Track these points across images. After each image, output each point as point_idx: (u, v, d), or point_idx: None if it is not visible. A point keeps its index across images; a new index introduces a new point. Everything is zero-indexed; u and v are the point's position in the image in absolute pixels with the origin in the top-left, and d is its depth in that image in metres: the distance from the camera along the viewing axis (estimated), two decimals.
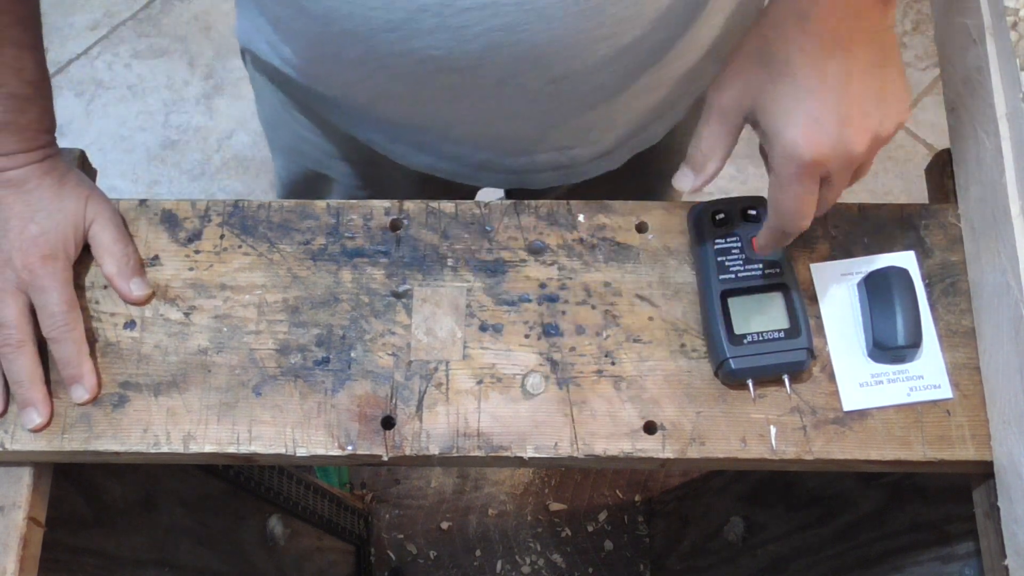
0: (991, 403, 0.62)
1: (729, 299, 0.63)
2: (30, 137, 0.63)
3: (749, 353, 0.62)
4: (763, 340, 0.62)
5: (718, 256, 0.65)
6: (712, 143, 0.59)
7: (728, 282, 0.64)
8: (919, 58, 1.90)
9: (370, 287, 0.67)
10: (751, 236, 0.65)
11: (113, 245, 0.66)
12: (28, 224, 0.63)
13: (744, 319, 0.63)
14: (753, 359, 0.62)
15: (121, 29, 1.94)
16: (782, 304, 0.63)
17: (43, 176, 0.64)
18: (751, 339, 0.62)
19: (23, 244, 0.63)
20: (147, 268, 0.68)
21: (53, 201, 0.64)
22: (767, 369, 0.63)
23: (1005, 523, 0.60)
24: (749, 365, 0.62)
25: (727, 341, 0.62)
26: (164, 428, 0.63)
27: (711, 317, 0.64)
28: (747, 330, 0.63)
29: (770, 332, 0.63)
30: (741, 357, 0.62)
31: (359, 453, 0.63)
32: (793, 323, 0.63)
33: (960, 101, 0.68)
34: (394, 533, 1.64)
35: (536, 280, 0.67)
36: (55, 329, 0.63)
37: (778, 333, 0.63)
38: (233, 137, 1.87)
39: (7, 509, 0.64)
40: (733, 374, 0.63)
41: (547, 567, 1.62)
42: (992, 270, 0.63)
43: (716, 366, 0.64)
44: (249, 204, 0.69)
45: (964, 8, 0.66)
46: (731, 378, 0.63)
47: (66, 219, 0.65)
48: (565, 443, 0.63)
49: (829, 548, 0.95)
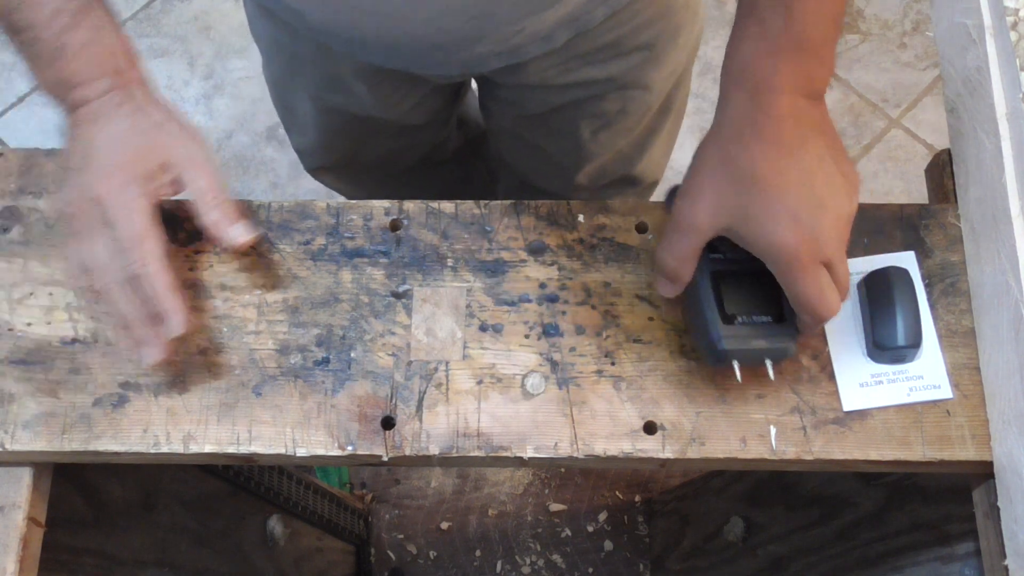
0: (991, 403, 0.62)
1: (721, 280, 0.62)
2: (106, 62, 0.62)
3: (738, 335, 0.61)
4: (753, 323, 0.62)
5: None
6: (685, 256, 0.61)
7: (719, 263, 0.63)
8: (919, 58, 1.90)
9: (370, 287, 0.67)
10: None
11: (208, 190, 0.63)
12: (108, 154, 0.61)
13: (735, 301, 0.62)
14: (742, 340, 0.61)
15: None
16: (771, 287, 0.62)
17: (120, 105, 0.62)
18: (742, 321, 0.61)
19: (99, 177, 0.61)
20: None
21: (131, 132, 0.62)
22: (754, 353, 0.62)
23: (1005, 523, 0.60)
24: (738, 347, 0.61)
25: (719, 321, 0.61)
26: (164, 428, 0.63)
27: (701, 296, 0.62)
28: (738, 311, 0.62)
29: (760, 316, 0.62)
30: (731, 338, 0.61)
31: (359, 453, 0.63)
32: (780, 309, 0.62)
33: (960, 101, 0.68)
34: (394, 533, 1.64)
35: (536, 280, 0.67)
36: (127, 268, 0.60)
37: (767, 318, 0.62)
38: (233, 137, 1.87)
39: (7, 509, 0.64)
40: (722, 356, 0.61)
41: (547, 567, 1.62)
42: (992, 270, 0.63)
43: (704, 345, 0.63)
44: (249, 204, 0.69)
45: (964, 8, 0.66)
46: (718, 359, 0.62)
47: (146, 150, 0.62)
48: (565, 443, 0.63)
49: (829, 548, 0.95)
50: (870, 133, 1.84)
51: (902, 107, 1.86)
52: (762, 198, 0.57)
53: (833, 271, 0.59)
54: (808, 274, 0.58)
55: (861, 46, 1.91)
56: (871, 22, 1.93)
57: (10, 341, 0.66)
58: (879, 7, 1.94)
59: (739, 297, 0.62)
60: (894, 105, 1.86)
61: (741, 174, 0.58)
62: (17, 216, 0.69)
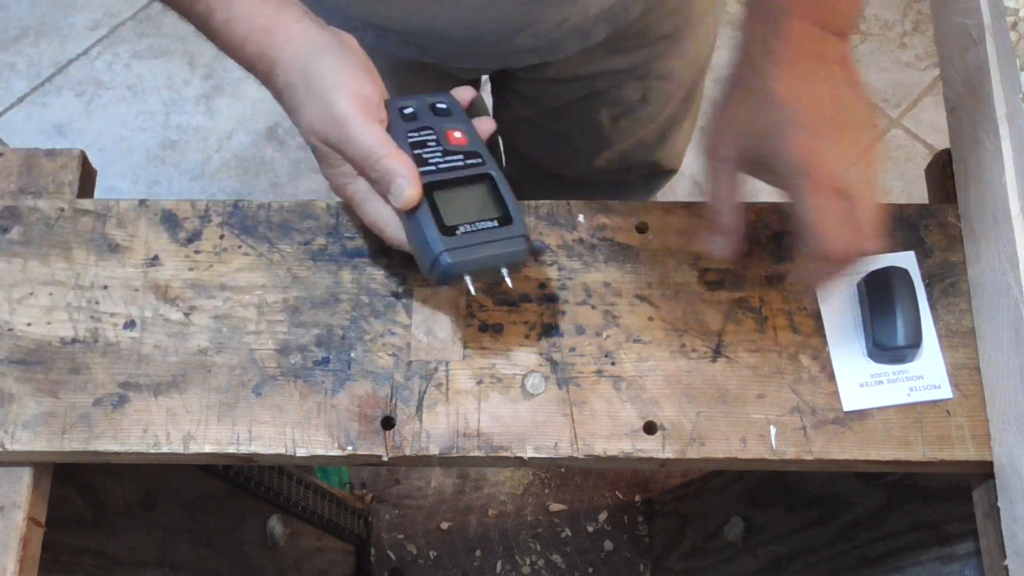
0: (991, 403, 0.62)
1: (435, 192, 0.59)
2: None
3: (463, 245, 0.57)
4: (476, 230, 0.58)
5: (414, 149, 0.61)
6: (722, 195, 0.60)
7: (430, 174, 0.60)
8: (919, 58, 1.90)
9: (370, 287, 0.67)
10: (445, 129, 0.62)
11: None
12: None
13: (453, 212, 0.58)
14: (468, 251, 0.57)
15: (121, 29, 1.94)
16: (489, 193, 0.60)
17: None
18: (464, 230, 0.58)
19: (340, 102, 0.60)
20: (147, 268, 0.68)
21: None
22: (485, 261, 0.58)
23: (1005, 523, 0.60)
24: (465, 258, 0.57)
25: (439, 234, 0.57)
26: (164, 428, 0.63)
27: (418, 214, 0.58)
28: (458, 221, 0.58)
29: (483, 222, 0.58)
30: (455, 250, 0.57)
31: (359, 453, 0.63)
32: (504, 211, 0.59)
33: (960, 101, 0.68)
34: (394, 533, 1.64)
35: (536, 280, 0.67)
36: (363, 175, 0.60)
37: (491, 223, 0.58)
38: (233, 137, 1.87)
39: (7, 509, 0.64)
40: (448, 270, 0.57)
41: (547, 567, 1.62)
42: (992, 270, 0.63)
43: (428, 266, 0.58)
44: (249, 204, 0.69)
45: (964, 8, 0.66)
46: (447, 276, 0.58)
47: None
48: (565, 443, 0.63)
49: (829, 548, 0.95)
50: None
51: (902, 107, 1.86)
52: (777, 114, 0.55)
53: (853, 204, 0.55)
54: (817, 194, 0.54)
55: (861, 46, 1.91)
56: (871, 22, 1.93)
57: (10, 341, 0.66)
58: (879, 7, 1.94)
59: (458, 206, 0.59)
60: (894, 105, 1.86)
61: (756, 96, 0.56)
62: (17, 216, 0.69)
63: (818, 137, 0.54)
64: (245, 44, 0.62)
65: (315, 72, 0.60)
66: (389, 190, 0.59)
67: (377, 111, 0.61)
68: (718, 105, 0.60)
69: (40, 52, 1.93)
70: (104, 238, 0.68)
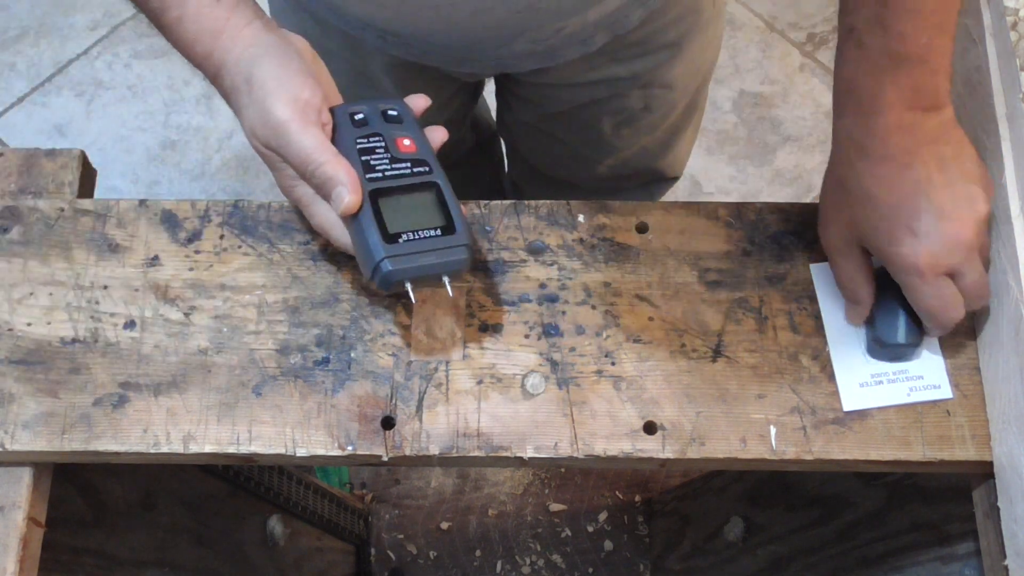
0: (991, 403, 0.62)
1: (380, 199, 0.59)
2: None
3: (404, 252, 0.58)
4: (419, 239, 0.59)
5: (362, 155, 0.61)
6: (849, 276, 0.63)
7: (376, 181, 0.60)
8: None
9: (370, 287, 0.67)
10: (395, 136, 0.63)
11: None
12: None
13: (397, 219, 0.59)
14: (410, 258, 0.58)
15: (121, 29, 1.94)
16: (434, 202, 0.60)
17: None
18: (407, 238, 0.58)
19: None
20: (147, 268, 0.68)
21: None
22: (425, 269, 0.59)
23: (1005, 523, 0.60)
24: (406, 266, 0.58)
25: (381, 241, 0.58)
26: (164, 428, 0.63)
27: (362, 219, 0.59)
28: (401, 229, 0.59)
29: (426, 231, 0.59)
30: (396, 257, 0.58)
31: (359, 453, 0.63)
32: (448, 220, 0.60)
33: (960, 101, 0.68)
34: (394, 533, 1.64)
35: (536, 280, 0.67)
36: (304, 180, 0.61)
37: (434, 231, 0.59)
38: (233, 137, 1.87)
39: (7, 509, 0.64)
40: (389, 277, 0.58)
41: (547, 567, 1.62)
42: (992, 270, 0.63)
43: (370, 272, 0.59)
44: (249, 204, 0.69)
45: (964, 8, 0.66)
46: (387, 283, 0.59)
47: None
48: (565, 443, 0.63)
49: (829, 548, 0.95)
50: None
51: None
52: (877, 215, 0.59)
53: (959, 279, 0.59)
54: (928, 286, 0.59)
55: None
56: None
57: (10, 341, 0.66)
58: None
59: (402, 214, 0.59)
60: None
61: (854, 195, 0.60)
62: (17, 216, 0.69)
63: (918, 235, 0.58)
64: (194, 44, 0.62)
65: (256, 76, 0.60)
66: (330, 196, 0.60)
67: (318, 115, 0.61)
68: (822, 199, 0.63)
69: (40, 52, 1.94)
70: (104, 238, 0.68)
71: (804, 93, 1.88)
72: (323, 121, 0.61)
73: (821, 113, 1.86)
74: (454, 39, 0.79)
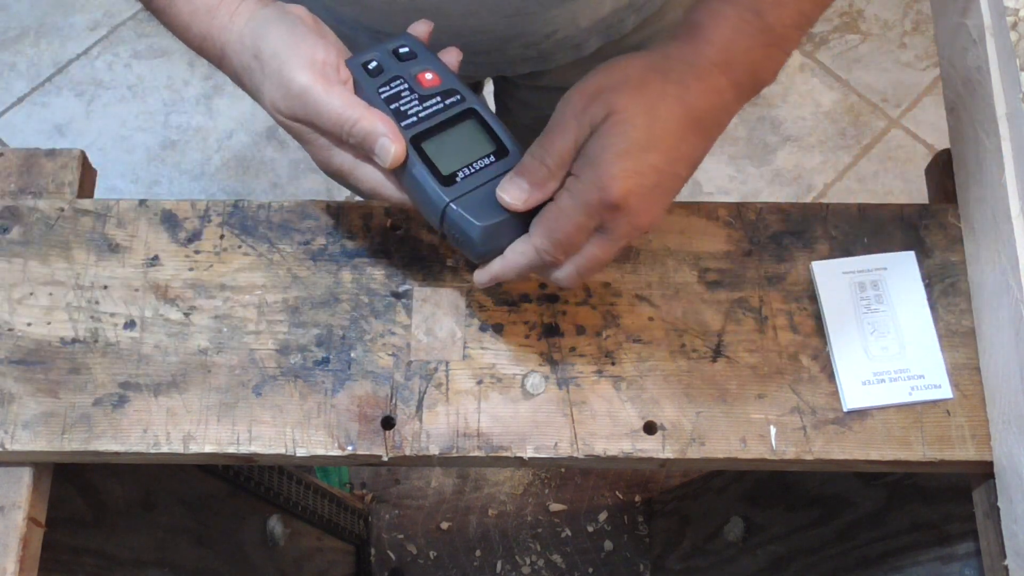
0: (991, 403, 0.62)
1: (423, 143, 0.56)
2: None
3: (467, 190, 0.55)
4: (476, 171, 0.55)
5: (390, 104, 0.58)
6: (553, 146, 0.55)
7: (413, 126, 0.57)
8: (919, 58, 1.90)
9: (370, 287, 0.67)
10: (415, 74, 0.59)
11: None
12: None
13: (447, 158, 0.56)
14: (474, 195, 0.55)
15: (121, 29, 1.94)
16: (478, 128, 0.57)
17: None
18: (464, 174, 0.55)
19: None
20: (147, 268, 0.68)
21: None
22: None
23: (1005, 523, 0.60)
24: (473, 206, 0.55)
25: (438, 186, 0.54)
26: (164, 428, 0.63)
27: (412, 170, 0.55)
28: (455, 167, 0.55)
29: (479, 160, 0.56)
30: (461, 198, 0.55)
31: (359, 453, 0.63)
32: (498, 143, 0.57)
33: (960, 101, 0.68)
34: (394, 533, 1.64)
35: (536, 280, 0.67)
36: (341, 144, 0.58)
37: (488, 159, 0.56)
38: (233, 137, 1.87)
39: (7, 509, 0.64)
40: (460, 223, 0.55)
41: (547, 567, 1.62)
42: (992, 270, 0.63)
43: (439, 221, 0.56)
44: (249, 204, 0.69)
45: (964, 8, 0.66)
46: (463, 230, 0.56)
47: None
48: (565, 443, 0.63)
49: (829, 548, 0.95)
50: (870, 133, 1.84)
51: (902, 107, 1.86)
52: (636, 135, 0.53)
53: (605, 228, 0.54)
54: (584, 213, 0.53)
55: (861, 46, 1.91)
56: (871, 22, 1.93)
57: (10, 341, 0.66)
58: (879, 7, 1.94)
59: (450, 151, 0.56)
60: (894, 105, 1.86)
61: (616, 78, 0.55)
62: (17, 216, 0.69)
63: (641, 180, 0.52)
64: (189, 26, 0.60)
65: (264, 49, 0.58)
66: (373, 152, 0.56)
67: (337, 74, 0.58)
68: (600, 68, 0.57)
69: (40, 52, 1.94)
70: (104, 238, 0.68)
71: (804, 93, 1.88)
72: (343, 79, 0.58)
73: (821, 113, 1.86)
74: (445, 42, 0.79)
